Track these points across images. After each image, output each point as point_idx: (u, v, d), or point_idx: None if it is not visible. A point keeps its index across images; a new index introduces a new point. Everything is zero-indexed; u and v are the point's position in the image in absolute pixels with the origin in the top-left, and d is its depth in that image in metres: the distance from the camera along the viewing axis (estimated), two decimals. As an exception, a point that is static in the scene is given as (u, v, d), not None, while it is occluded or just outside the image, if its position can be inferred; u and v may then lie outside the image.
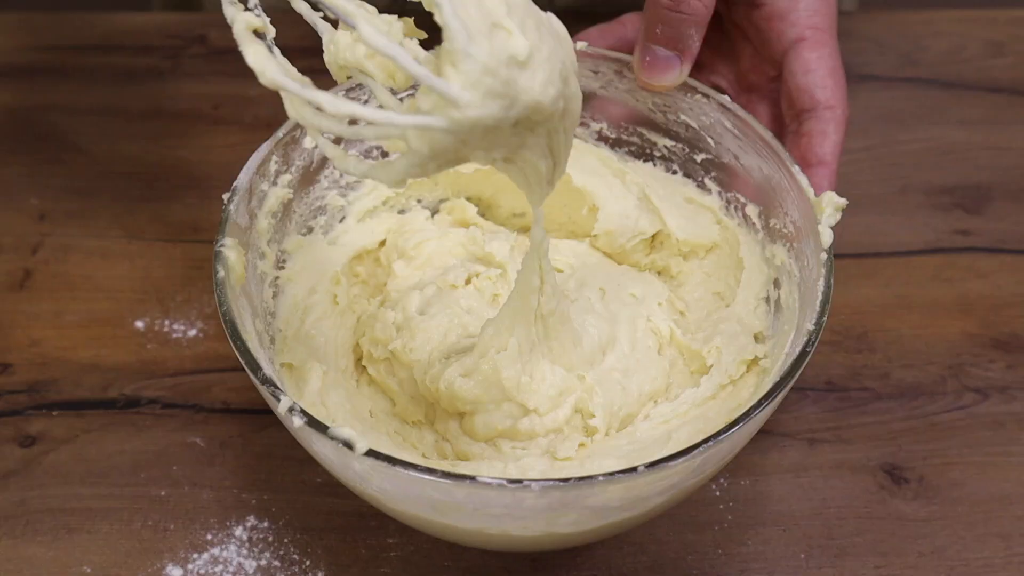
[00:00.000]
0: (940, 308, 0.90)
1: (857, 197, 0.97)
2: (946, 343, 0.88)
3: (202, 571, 0.74)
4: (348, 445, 0.58)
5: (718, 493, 0.79)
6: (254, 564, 0.75)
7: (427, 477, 0.57)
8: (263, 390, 0.62)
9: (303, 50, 0.65)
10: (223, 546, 0.75)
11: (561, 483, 0.57)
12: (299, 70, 0.58)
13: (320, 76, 0.59)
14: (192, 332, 0.87)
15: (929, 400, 0.85)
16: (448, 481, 0.58)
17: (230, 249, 0.68)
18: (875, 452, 0.81)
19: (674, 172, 0.82)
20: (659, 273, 0.81)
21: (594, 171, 0.81)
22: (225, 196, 0.70)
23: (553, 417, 0.69)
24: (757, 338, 0.74)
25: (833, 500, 0.79)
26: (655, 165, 0.82)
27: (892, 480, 0.80)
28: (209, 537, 0.76)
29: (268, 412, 0.81)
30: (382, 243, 0.81)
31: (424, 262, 0.79)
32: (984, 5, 1.19)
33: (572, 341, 0.70)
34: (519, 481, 0.57)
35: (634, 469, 0.57)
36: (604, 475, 0.57)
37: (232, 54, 1.06)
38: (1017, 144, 1.03)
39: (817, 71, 0.74)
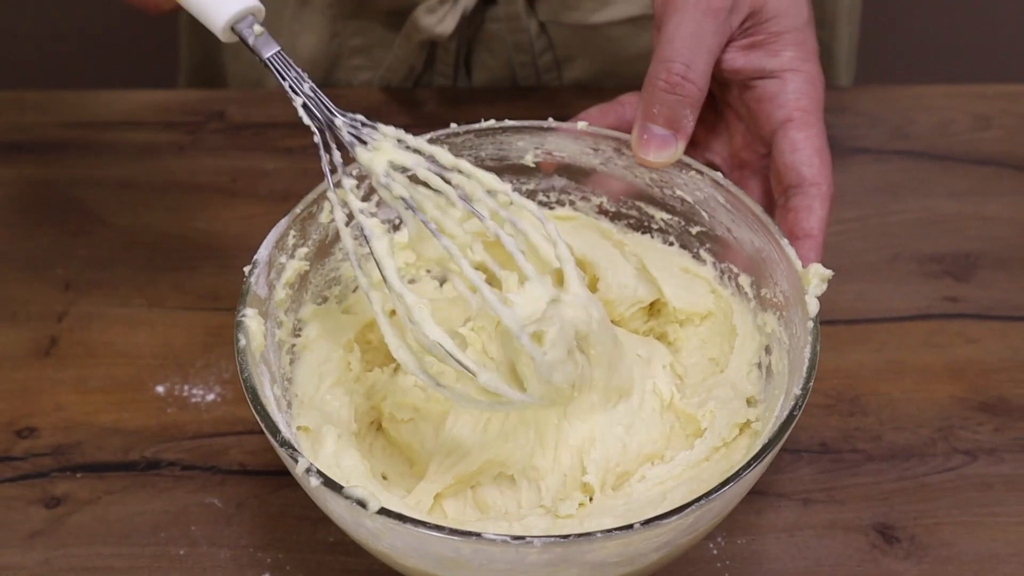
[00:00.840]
0: (930, 373, 0.93)
1: (850, 265, 1.01)
2: (936, 407, 0.90)
3: (219, 627, 0.77)
4: (362, 504, 0.61)
5: (715, 552, 0.81)
6: (269, 620, 0.78)
7: (435, 534, 0.60)
8: (281, 452, 0.65)
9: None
10: (240, 603, 0.79)
11: (562, 539, 0.60)
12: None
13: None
14: (210, 397, 0.90)
15: (920, 462, 0.87)
16: (455, 538, 0.60)
17: (251, 319, 0.71)
18: (867, 512, 0.84)
19: (671, 244, 0.85)
20: (657, 339, 0.84)
21: (595, 243, 0.84)
22: (246, 269, 0.74)
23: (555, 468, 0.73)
24: (749, 402, 0.77)
25: (827, 559, 0.81)
26: (653, 237, 0.85)
27: (884, 539, 0.82)
28: (226, 595, 0.79)
29: (283, 473, 0.84)
30: (392, 312, 0.84)
31: None
32: (972, 80, 1.22)
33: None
34: (522, 537, 0.60)
35: (630, 526, 0.60)
36: (602, 532, 0.60)
37: (249, 129, 1.12)
38: (1005, 214, 1.06)
39: (804, 150, 0.77)
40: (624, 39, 1.10)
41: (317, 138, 0.71)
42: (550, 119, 0.81)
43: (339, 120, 0.71)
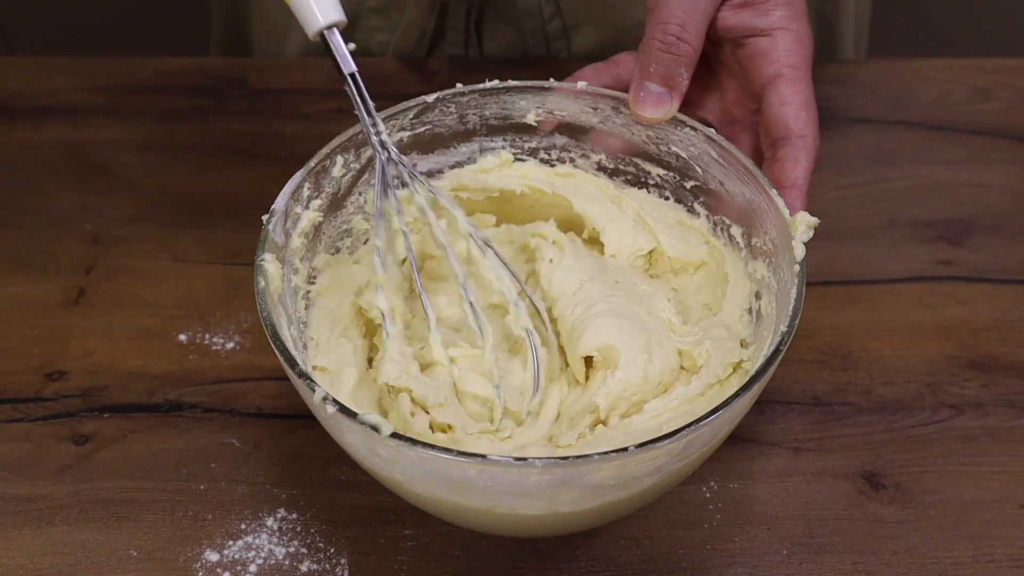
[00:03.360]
0: (921, 331, 0.95)
1: (847, 229, 1.03)
2: (926, 363, 0.93)
3: (236, 556, 0.81)
4: (375, 428, 0.64)
5: (708, 495, 0.84)
6: (283, 551, 0.81)
7: (443, 455, 0.63)
8: (299, 383, 0.69)
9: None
10: (256, 534, 0.82)
11: (561, 460, 0.63)
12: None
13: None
14: (230, 345, 0.94)
15: (908, 415, 0.89)
16: (462, 459, 0.63)
17: (269, 263, 0.75)
18: (855, 461, 0.86)
19: (666, 198, 0.87)
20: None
21: (593, 198, 0.87)
22: (264, 217, 0.77)
23: None
24: (742, 344, 0.80)
25: (815, 503, 0.84)
26: (649, 192, 0.88)
27: (870, 486, 0.85)
28: (243, 526, 0.82)
29: (298, 416, 0.88)
30: (402, 261, 0.88)
31: None
32: (971, 54, 1.24)
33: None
34: (524, 459, 0.63)
35: (625, 449, 0.63)
36: (599, 453, 0.63)
37: (269, 95, 1.16)
38: (998, 182, 1.08)
39: (792, 104, 0.79)
40: (628, 5, 1.12)
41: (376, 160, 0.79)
42: (551, 79, 0.84)
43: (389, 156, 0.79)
